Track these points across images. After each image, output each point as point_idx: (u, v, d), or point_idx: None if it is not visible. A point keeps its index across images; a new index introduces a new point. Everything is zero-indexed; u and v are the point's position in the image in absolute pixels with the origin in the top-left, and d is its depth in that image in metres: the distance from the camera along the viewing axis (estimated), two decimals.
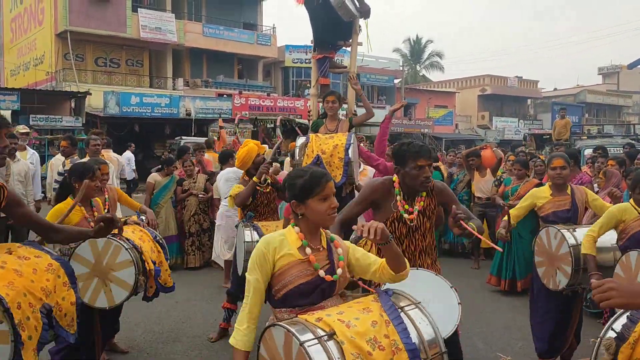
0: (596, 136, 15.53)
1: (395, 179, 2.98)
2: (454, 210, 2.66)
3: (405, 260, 2.23)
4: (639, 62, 28.82)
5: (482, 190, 7.40)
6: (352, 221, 2.92)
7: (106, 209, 4.12)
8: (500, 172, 7.61)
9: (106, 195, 4.21)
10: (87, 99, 20.33)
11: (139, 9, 24.27)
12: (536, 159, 7.49)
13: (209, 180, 7.28)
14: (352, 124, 4.96)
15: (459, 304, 2.60)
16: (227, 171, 5.89)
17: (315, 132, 4.89)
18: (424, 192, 2.96)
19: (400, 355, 1.84)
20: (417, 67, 44.60)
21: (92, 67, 24.24)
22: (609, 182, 5.93)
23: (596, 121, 37.50)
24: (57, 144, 14.42)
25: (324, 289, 2.13)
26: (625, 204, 3.52)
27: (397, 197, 2.94)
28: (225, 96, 23.95)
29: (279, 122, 12.04)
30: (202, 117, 21.85)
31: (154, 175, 7.34)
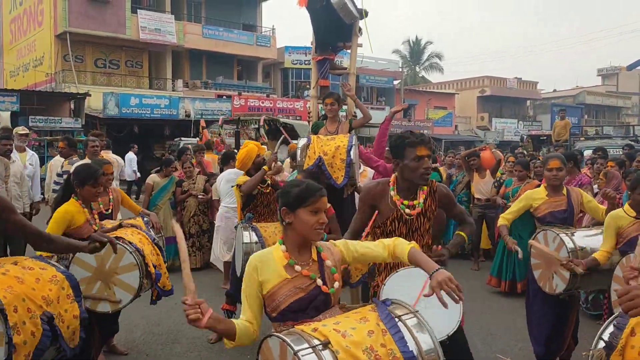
0: (594, 137, 15.55)
1: (391, 180, 2.92)
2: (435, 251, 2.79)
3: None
4: (638, 63, 28.81)
5: (482, 191, 7.40)
6: (361, 231, 2.94)
7: (110, 210, 4.12)
8: (499, 173, 7.61)
9: (110, 195, 4.20)
10: (86, 100, 20.32)
11: (138, 10, 24.29)
12: (536, 161, 7.50)
13: (208, 181, 7.28)
14: (352, 126, 4.97)
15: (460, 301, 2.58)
16: (229, 172, 5.89)
17: (315, 134, 4.90)
18: (424, 187, 2.87)
19: None
20: (417, 69, 44.65)
21: (92, 69, 24.24)
22: (609, 184, 5.94)
23: (595, 122, 37.53)
24: (56, 145, 14.40)
25: (318, 306, 2.12)
26: (617, 210, 3.53)
27: (391, 193, 2.86)
28: (224, 97, 23.96)
29: (263, 122, 11.95)
30: (201, 119, 21.82)
31: (152, 176, 7.33)
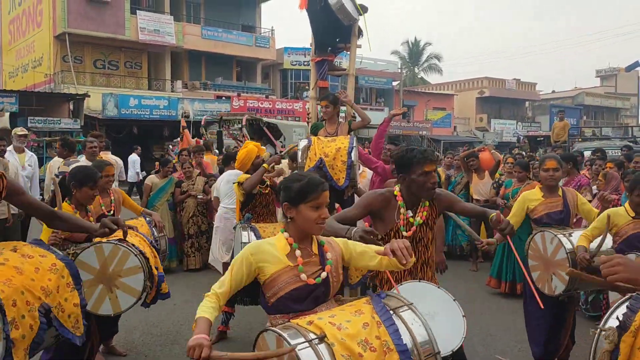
0: (592, 138, 15.56)
1: (396, 192, 2.87)
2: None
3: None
4: (637, 64, 28.93)
5: (480, 192, 7.40)
6: (348, 224, 2.89)
7: (112, 210, 4.11)
8: (498, 174, 7.61)
9: (112, 196, 4.20)
10: (85, 101, 20.30)
11: (137, 11, 24.28)
12: (535, 162, 7.51)
13: (207, 183, 7.27)
14: (351, 128, 4.99)
15: (464, 316, 2.58)
16: (229, 173, 5.89)
17: (315, 135, 4.91)
18: (427, 202, 2.86)
19: (391, 356, 1.85)
20: (416, 70, 44.68)
21: (91, 69, 24.23)
22: (608, 185, 5.94)
23: (594, 123, 37.60)
24: (55, 146, 14.39)
25: (318, 296, 2.13)
26: (617, 208, 3.54)
27: (401, 210, 2.83)
28: (223, 98, 23.97)
29: (245, 122, 11.85)
30: (200, 120, 21.81)
31: (151, 177, 7.35)
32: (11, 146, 7.08)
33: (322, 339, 1.82)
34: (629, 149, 9.80)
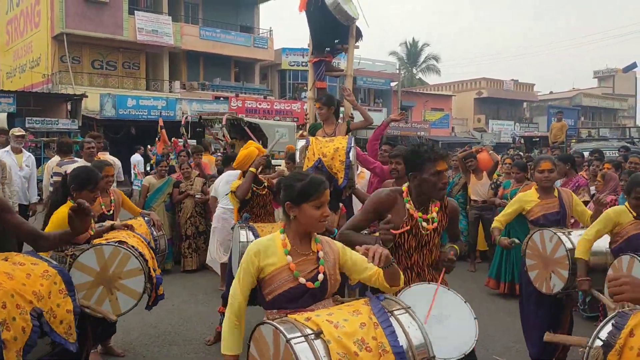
0: (589, 139, 15.59)
1: (404, 189, 2.80)
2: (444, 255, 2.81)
3: (401, 277, 2.27)
4: (634, 65, 29.04)
5: (479, 193, 7.40)
6: (360, 231, 2.89)
7: (112, 211, 4.13)
8: (496, 175, 7.61)
9: (112, 197, 4.19)
10: (83, 101, 20.24)
11: (135, 12, 24.23)
12: (530, 162, 7.51)
13: (206, 183, 7.26)
14: (350, 128, 4.98)
15: (475, 318, 2.53)
16: (229, 174, 5.89)
17: (313, 136, 4.90)
18: (437, 205, 2.80)
19: (386, 357, 1.86)
20: (414, 70, 44.72)
21: (89, 70, 24.18)
22: (607, 186, 5.95)
23: (592, 124, 37.69)
24: (53, 146, 14.38)
25: (315, 294, 2.15)
26: (621, 206, 3.53)
27: (407, 206, 2.74)
28: (222, 99, 23.94)
29: (225, 122, 11.77)
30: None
31: (148, 177, 7.36)
32: (9, 146, 7.06)
33: (318, 334, 1.83)
34: (626, 150, 9.83)
